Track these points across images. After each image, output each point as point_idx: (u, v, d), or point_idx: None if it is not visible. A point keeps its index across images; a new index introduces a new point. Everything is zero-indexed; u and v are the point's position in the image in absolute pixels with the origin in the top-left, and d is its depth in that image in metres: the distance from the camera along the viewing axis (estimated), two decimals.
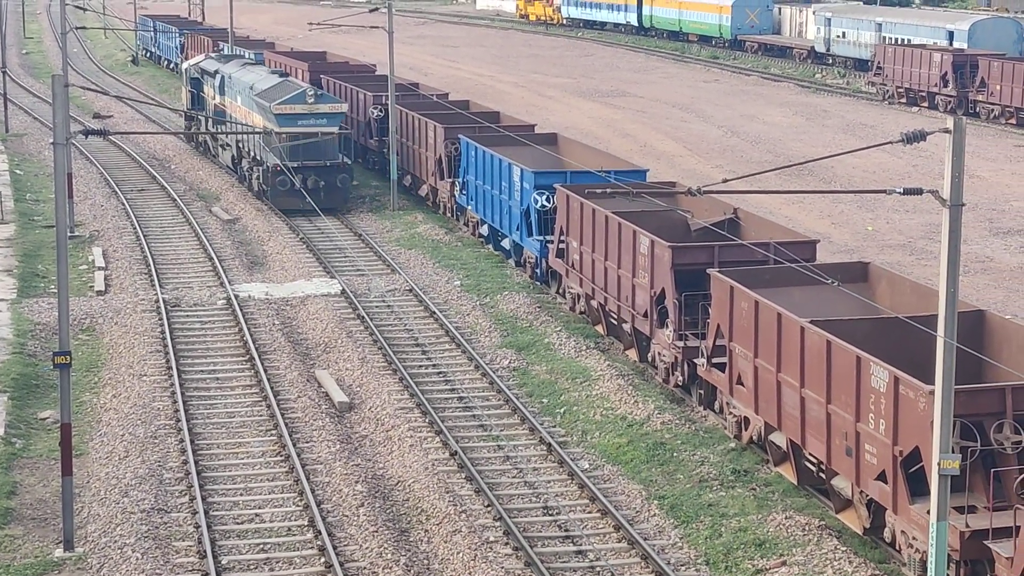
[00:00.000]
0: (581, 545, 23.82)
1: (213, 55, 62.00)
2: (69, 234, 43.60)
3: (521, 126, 49.35)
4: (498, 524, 24.47)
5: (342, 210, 49.35)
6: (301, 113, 48.34)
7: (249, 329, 35.80)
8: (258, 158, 50.98)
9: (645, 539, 23.74)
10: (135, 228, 47.82)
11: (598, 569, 22.94)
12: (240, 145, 54.11)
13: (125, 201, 52.37)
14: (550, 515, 25.05)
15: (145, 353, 34.22)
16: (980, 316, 25.01)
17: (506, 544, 23.74)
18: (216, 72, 57.47)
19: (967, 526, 20.56)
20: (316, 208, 44.51)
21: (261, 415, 30.24)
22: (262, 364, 33.07)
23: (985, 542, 20.26)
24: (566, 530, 24.43)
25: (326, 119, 48.74)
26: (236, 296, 39.00)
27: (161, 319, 36.81)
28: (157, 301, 38.54)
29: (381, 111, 54.27)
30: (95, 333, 36.34)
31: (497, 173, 41.87)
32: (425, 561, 23.31)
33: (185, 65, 63.55)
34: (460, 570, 22.82)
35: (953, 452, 19.04)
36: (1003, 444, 21.16)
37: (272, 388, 31.47)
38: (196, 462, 27.24)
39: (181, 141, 66.37)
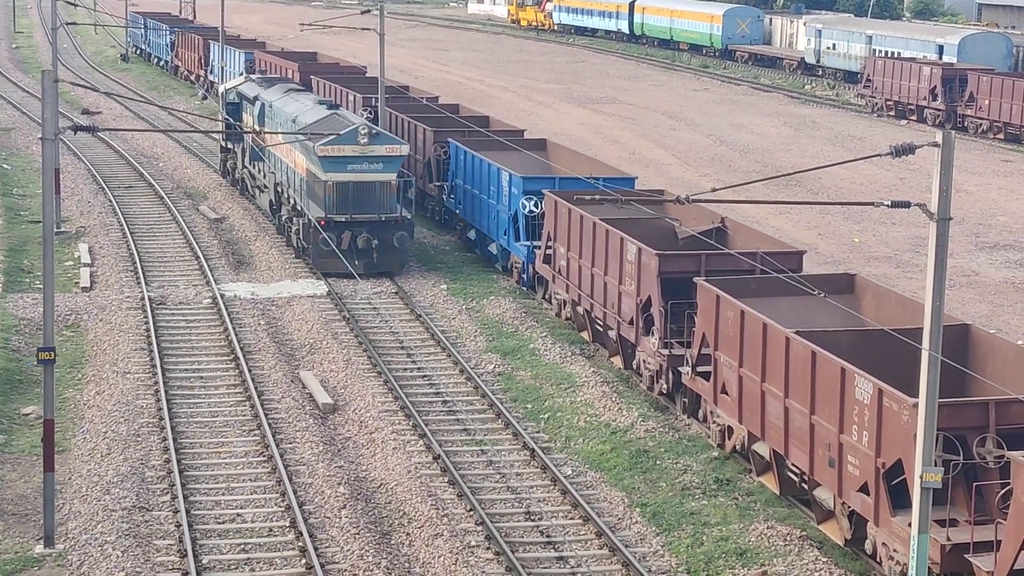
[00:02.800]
0: (562, 551, 23.81)
1: (254, 78, 53.41)
2: (55, 230, 43.55)
3: (510, 131, 49.36)
4: (480, 528, 24.47)
5: (397, 275, 41.18)
6: (351, 156, 40.04)
7: (234, 328, 35.76)
8: (298, 207, 42.58)
9: (627, 546, 23.75)
10: (122, 225, 47.75)
11: (579, 575, 22.94)
12: (279, 190, 45.66)
13: (112, 198, 52.29)
14: (532, 520, 25.05)
15: (129, 351, 34.16)
16: (965, 330, 25.09)
17: (487, 549, 23.73)
18: (256, 99, 48.90)
19: (948, 539, 20.59)
20: (357, 273, 38.38)
21: (245, 415, 30.20)
22: (246, 364, 33.03)
23: (966, 556, 20.31)
24: (548, 536, 24.43)
25: (382, 164, 40.38)
26: (222, 295, 38.95)
27: (146, 317, 36.76)
28: (142, 299, 38.48)
29: (371, 113, 54.26)
30: (80, 329, 36.28)
31: (485, 178, 41.88)
32: (406, 564, 23.29)
33: (222, 88, 55.02)
34: (441, 574, 22.81)
35: (936, 465, 19.07)
36: (985, 458, 21.21)
37: (256, 388, 31.43)
38: (178, 461, 27.19)
39: (169, 139, 66.28)
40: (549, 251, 37.10)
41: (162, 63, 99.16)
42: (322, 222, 39.98)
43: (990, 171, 62.55)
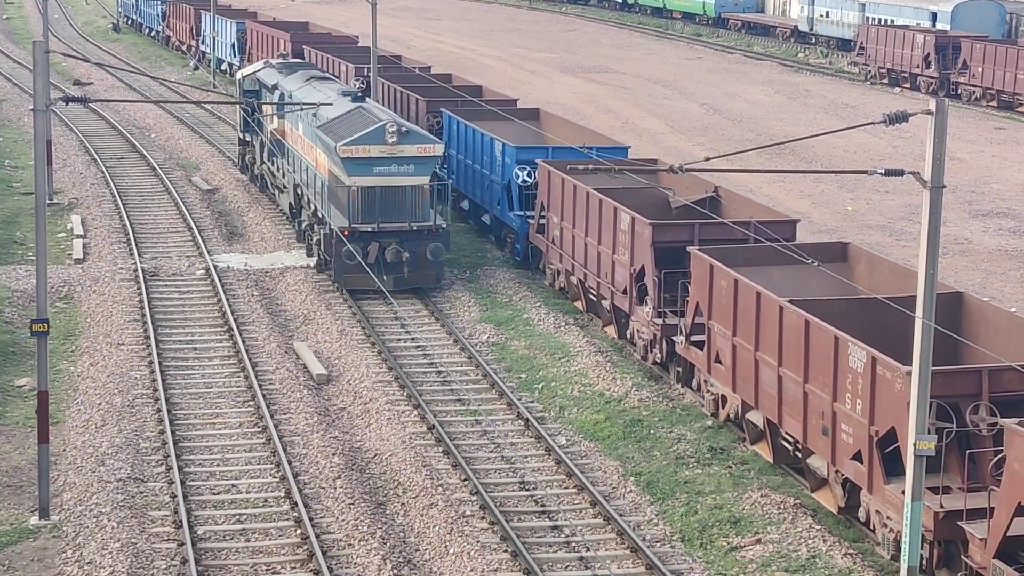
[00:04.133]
0: (557, 520, 23.86)
1: (274, 63, 47.63)
2: (48, 201, 43.48)
3: (503, 100, 49.26)
4: (474, 498, 24.51)
5: (432, 291, 36.86)
6: (378, 157, 35.55)
7: (228, 300, 35.74)
8: (319, 214, 38.13)
9: (621, 515, 23.80)
10: (114, 196, 47.66)
11: (574, 544, 22.99)
12: (298, 192, 41.05)
13: (104, 169, 52.17)
14: (526, 490, 25.09)
15: (123, 322, 34.14)
16: (958, 298, 25.11)
17: (482, 518, 23.77)
18: (275, 87, 44.03)
19: (941, 507, 20.66)
20: (387, 290, 34.25)
21: (239, 386, 30.21)
22: (240, 335, 33.02)
23: (959, 523, 20.36)
24: (542, 505, 24.47)
25: (413, 165, 35.76)
26: (215, 266, 38.92)
27: (139, 288, 36.73)
28: (136, 270, 38.44)
29: (363, 83, 54.14)
30: (73, 301, 36.25)
31: (479, 147, 41.80)
32: (401, 534, 23.34)
33: (239, 75, 49.62)
34: (436, 543, 22.86)
35: (929, 433, 19.12)
36: (979, 426, 21.26)
37: (250, 359, 31.43)
38: (173, 432, 27.21)
39: (161, 110, 66.10)
40: (542, 221, 37.07)
41: (153, 33, 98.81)
42: (346, 232, 35.44)
43: (983, 139, 62.50)
